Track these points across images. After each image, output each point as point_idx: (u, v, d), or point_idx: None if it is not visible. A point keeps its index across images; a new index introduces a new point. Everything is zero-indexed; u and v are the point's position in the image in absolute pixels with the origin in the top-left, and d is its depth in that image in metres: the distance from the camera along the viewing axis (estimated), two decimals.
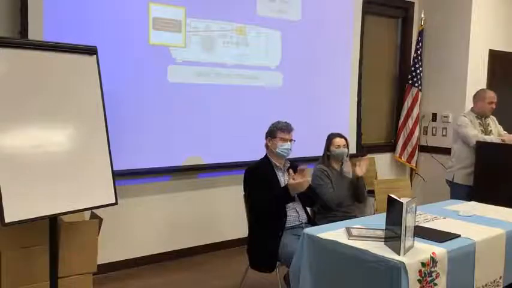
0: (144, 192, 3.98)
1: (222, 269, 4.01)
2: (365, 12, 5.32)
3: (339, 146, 3.52)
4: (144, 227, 4.01)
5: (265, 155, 3.27)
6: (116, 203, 2.89)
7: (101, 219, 3.08)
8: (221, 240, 4.45)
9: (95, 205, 2.81)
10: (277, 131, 3.20)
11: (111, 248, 3.75)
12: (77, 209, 2.69)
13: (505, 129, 4.46)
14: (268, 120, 3.35)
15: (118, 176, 3.25)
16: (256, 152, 3.47)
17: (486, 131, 4.35)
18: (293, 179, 2.97)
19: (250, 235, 3.22)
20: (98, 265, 3.08)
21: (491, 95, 4.36)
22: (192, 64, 4.11)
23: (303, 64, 4.80)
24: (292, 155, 3.28)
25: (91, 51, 2.90)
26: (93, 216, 3.12)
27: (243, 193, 3.26)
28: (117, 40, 3.69)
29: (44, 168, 2.56)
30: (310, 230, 2.69)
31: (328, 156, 3.54)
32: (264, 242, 3.06)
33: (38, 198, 2.50)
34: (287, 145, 3.20)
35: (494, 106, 4.34)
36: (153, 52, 3.88)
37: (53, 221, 2.66)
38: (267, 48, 4.56)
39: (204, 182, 4.33)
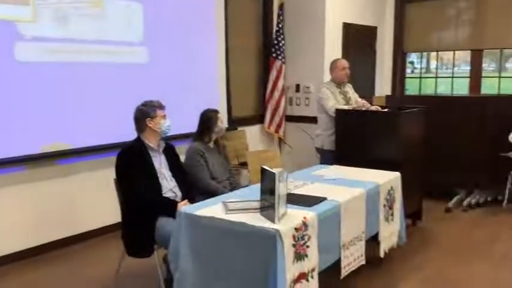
0: None
1: (96, 259, 3.80)
2: None
3: (222, 122, 3.55)
4: (0, 224, 3.61)
5: (138, 138, 3.12)
6: None
7: None
8: (93, 228, 4.20)
9: None
10: (156, 110, 3.07)
11: None
12: None
13: (360, 96, 4.85)
14: (135, 99, 3.18)
15: None
16: (122, 133, 3.29)
17: (346, 98, 4.69)
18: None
19: (124, 220, 3.09)
20: None
21: (343, 62, 4.71)
22: (44, 40, 3.72)
23: (168, 39, 4.64)
24: None
25: None
26: None
27: (114, 177, 3.09)
28: None
29: None
30: (187, 209, 2.66)
31: (210, 132, 3.51)
32: (139, 226, 2.95)
33: None
34: (168, 122, 3.12)
35: (347, 71, 4.66)
36: None
37: None
38: (129, 22, 4.31)
39: (66, 168, 4.02)
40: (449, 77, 6.75)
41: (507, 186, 4.86)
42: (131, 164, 2.99)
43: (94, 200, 4.18)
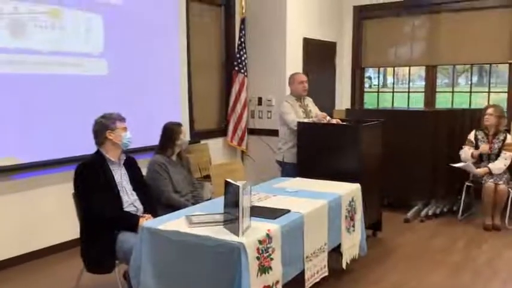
0: None
1: (54, 276, 3.66)
2: None
3: (184, 135, 3.53)
4: None
5: (97, 151, 3.05)
6: None
7: None
8: (49, 245, 4.05)
9: None
10: (116, 122, 3.01)
11: None
12: None
13: (320, 109, 4.93)
14: (94, 111, 3.12)
15: None
16: (80, 147, 3.21)
17: (306, 111, 4.76)
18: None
19: (83, 236, 2.99)
20: None
21: (300, 76, 4.79)
22: None
23: (129, 51, 4.59)
24: None
25: None
26: None
27: (73, 191, 2.99)
28: None
29: None
30: (149, 223, 2.61)
31: (172, 145, 3.47)
32: (99, 241, 2.87)
33: None
34: (129, 134, 3.06)
35: (305, 85, 4.74)
36: None
37: None
38: (88, 33, 4.23)
39: (22, 183, 3.87)
40: (405, 92, 6.98)
41: (462, 197, 5.04)
42: (91, 178, 2.92)
43: (51, 215, 4.04)
